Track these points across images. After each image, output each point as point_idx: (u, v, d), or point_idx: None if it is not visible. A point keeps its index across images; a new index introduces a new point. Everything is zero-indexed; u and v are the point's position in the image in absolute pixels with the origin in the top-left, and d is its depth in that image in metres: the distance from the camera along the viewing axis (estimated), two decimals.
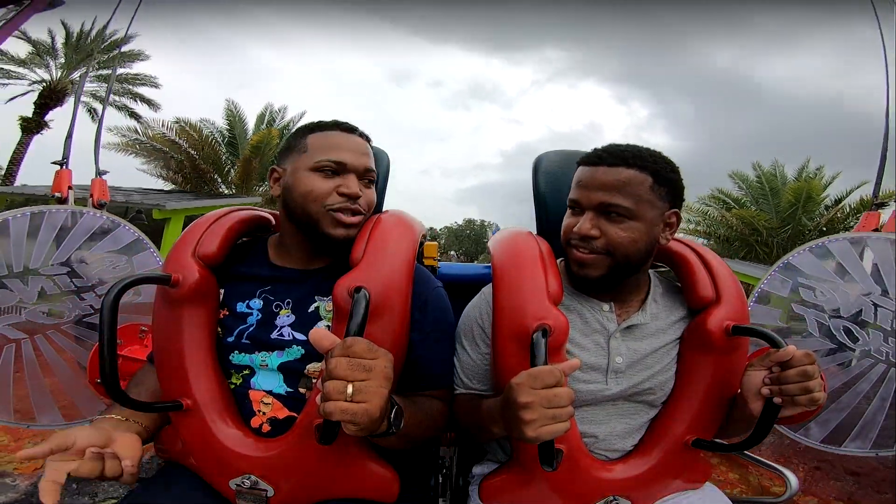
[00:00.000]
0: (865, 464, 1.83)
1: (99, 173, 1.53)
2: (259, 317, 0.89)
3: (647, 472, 0.87)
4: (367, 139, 0.97)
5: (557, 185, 1.14)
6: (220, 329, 0.90)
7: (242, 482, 0.81)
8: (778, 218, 12.83)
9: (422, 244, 1.11)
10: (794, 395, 0.72)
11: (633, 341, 0.90)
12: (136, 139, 12.90)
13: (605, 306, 0.92)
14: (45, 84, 13.87)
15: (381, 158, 1.18)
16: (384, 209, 1.12)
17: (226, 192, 13.58)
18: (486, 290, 0.97)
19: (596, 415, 0.90)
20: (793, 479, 0.99)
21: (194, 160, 13.14)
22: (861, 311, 1.11)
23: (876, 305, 1.10)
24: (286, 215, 0.92)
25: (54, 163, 1.44)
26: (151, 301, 0.92)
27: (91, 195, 1.36)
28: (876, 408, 1.11)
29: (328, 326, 0.87)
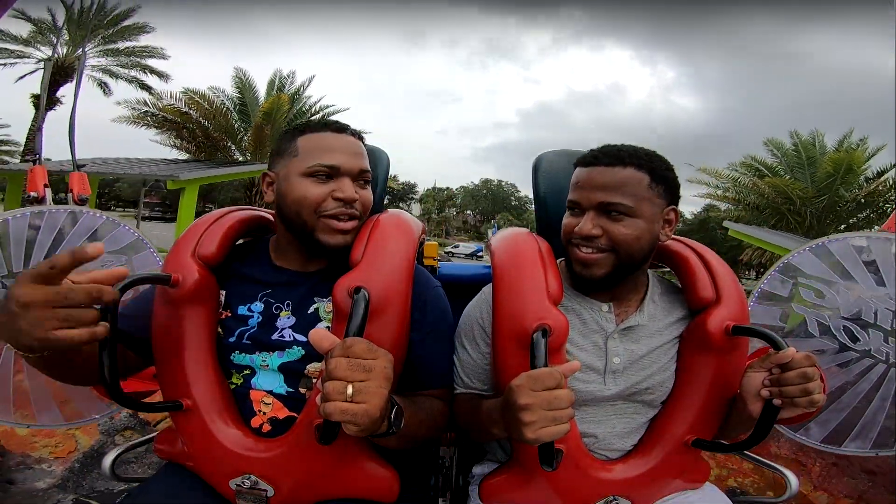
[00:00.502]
0: (883, 463, 1.82)
1: (76, 166, 1.41)
2: (260, 319, 0.89)
3: (647, 472, 0.87)
4: (360, 137, 0.94)
5: (557, 185, 1.15)
6: (220, 329, 0.90)
7: (242, 482, 0.81)
8: (814, 188, 12.51)
9: (422, 244, 1.11)
10: (793, 397, 0.72)
11: (631, 342, 0.91)
12: (147, 111, 12.95)
13: (604, 307, 0.92)
14: (51, 61, 14.04)
15: (381, 158, 1.17)
16: (384, 209, 1.12)
17: (240, 158, 13.65)
18: (487, 289, 0.97)
19: (595, 415, 0.90)
20: (793, 480, 0.99)
21: (206, 129, 13.19)
22: (861, 311, 1.11)
23: (876, 305, 1.11)
24: (281, 220, 0.91)
25: (27, 159, 1.36)
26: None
27: (70, 190, 1.30)
28: (876, 408, 1.11)
29: (328, 327, 0.87)
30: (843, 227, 13.16)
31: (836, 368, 1.12)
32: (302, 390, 0.86)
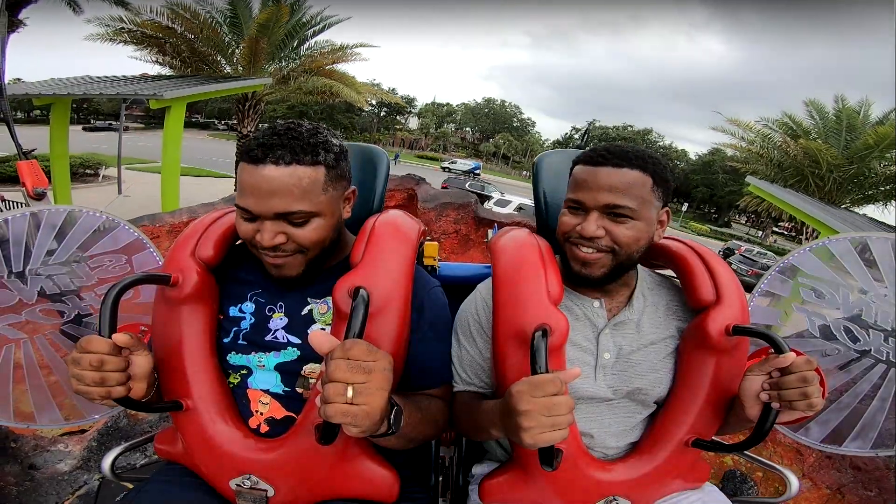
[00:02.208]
0: (870, 461, 1.86)
1: (23, 153, 1.25)
2: (252, 320, 0.89)
3: (647, 472, 0.87)
4: (300, 159, 0.77)
5: (558, 185, 1.15)
6: (217, 330, 0.90)
7: (242, 482, 0.82)
8: (844, 156, 12.24)
9: (421, 244, 1.11)
10: (792, 401, 0.73)
11: (622, 337, 0.91)
12: (123, 27, 11.52)
13: (596, 302, 0.93)
14: None
15: (380, 158, 1.18)
16: (384, 210, 1.12)
17: (231, 72, 12.41)
18: (482, 286, 0.98)
19: (589, 413, 0.90)
20: (793, 480, 0.99)
21: (192, 44, 11.87)
22: (861, 311, 1.11)
23: (876, 305, 1.10)
24: None
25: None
26: (151, 301, 0.92)
27: (23, 184, 1.19)
28: (876, 408, 1.11)
29: (323, 329, 0.87)
30: (860, 196, 13.02)
31: (835, 368, 1.12)
32: (299, 390, 0.86)
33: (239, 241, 0.99)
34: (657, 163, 0.86)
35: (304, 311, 0.89)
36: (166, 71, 12.40)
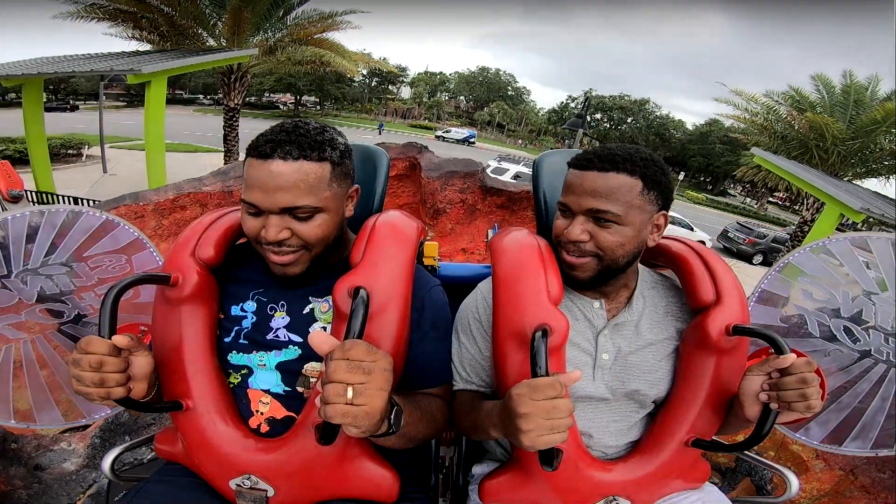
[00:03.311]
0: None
1: None
2: (254, 319, 0.89)
3: (647, 472, 0.87)
4: (307, 154, 0.78)
5: (558, 185, 1.14)
6: (217, 330, 0.90)
7: (242, 482, 0.82)
8: (850, 130, 12.26)
9: (422, 244, 1.11)
10: (790, 402, 0.73)
11: (621, 338, 0.91)
12: (94, 3, 10.80)
13: (595, 303, 0.93)
14: None
15: (380, 158, 1.17)
16: (384, 209, 1.12)
17: (214, 45, 11.70)
18: (482, 285, 0.98)
19: (588, 413, 0.90)
20: (793, 480, 0.99)
21: (171, 17, 11.11)
22: (861, 311, 1.11)
23: (876, 305, 1.11)
24: None
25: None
26: (151, 301, 0.92)
27: None
28: (876, 408, 1.11)
29: (324, 328, 0.87)
30: (863, 170, 13.10)
31: (836, 368, 1.12)
32: (299, 389, 0.86)
33: (240, 241, 0.99)
34: (649, 166, 0.84)
35: (306, 310, 0.89)
36: (144, 47, 11.71)
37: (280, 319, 0.89)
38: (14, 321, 1.06)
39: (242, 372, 0.88)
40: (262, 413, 0.86)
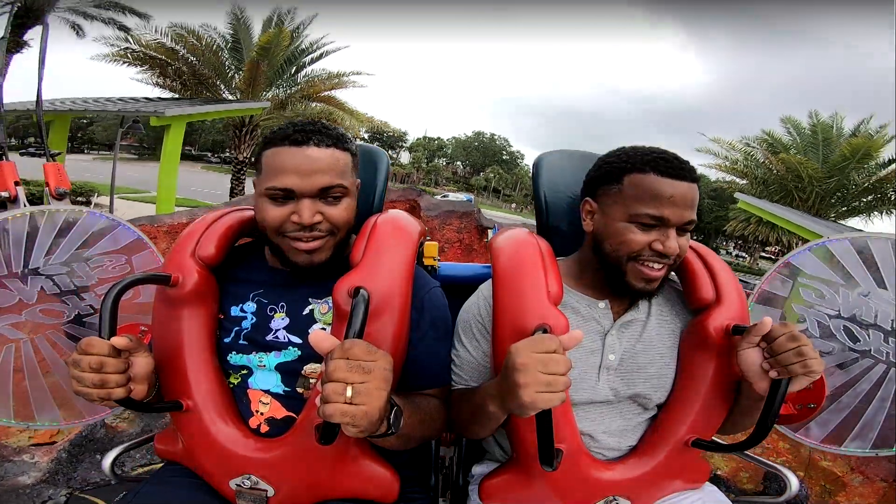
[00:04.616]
0: None
1: (50, 156, 1.31)
2: (253, 320, 0.89)
3: (646, 472, 0.87)
4: (336, 143, 0.84)
5: (558, 185, 1.14)
6: (217, 330, 0.90)
7: (242, 482, 0.82)
8: (825, 169, 12.68)
9: (422, 244, 1.11)
10: (789, 365, 0.73)
11: (627, 339, 0.91)
12: (128, 48, 11.84)
13: (601, 303, 0.92)
14: (19, 3, 13.08)
15: (381, 158, 1.18)
16: (384, 209, 1.12)
17: (229, 97, 12.72)
18: (484, 287, 0.97)
19: (590, 414, 0.90)
20: (793, 480, 0.99)
21: (194, 67, 12.22)
22: (861, 311, 1.11)
23: (876, 305, 1.10)
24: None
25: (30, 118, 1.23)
26: (151, 301, 0.92)
27: (47, 184, 1.23)
28: (876, 408, 1.11)
29: (324, 328, 0.87)
30: (844, 209, 13.26)
31: (835, 368, 1.12)
32: (299, 390, 0.86)
33: (240, 242, 0.99)
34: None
35: (306, 311, 0.89)
36: (166, 94, 12.72)
37: (280, 320, 0.89)
38: (14, 321, 1.06)
39: (242, 372, 0.88)
40: (261, 413, 0.86)
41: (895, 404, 1.10)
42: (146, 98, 11.76)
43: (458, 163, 61.86)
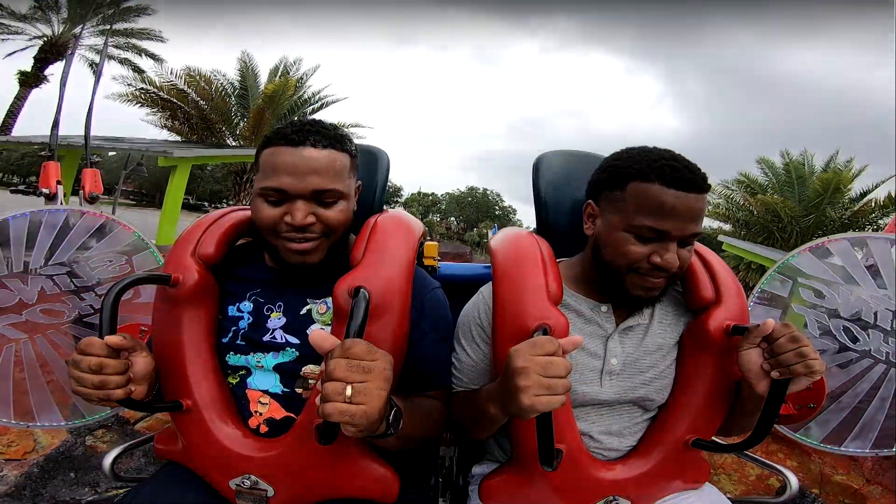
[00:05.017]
0: None
1: (90, 163, 1.42)
2: (250, 319, 0.89)
3: (646, 472, 0.87)
4: (334, 144, 0.83)
5: (558, 186, 1.14)
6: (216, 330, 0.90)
7: (242, 482, 0.81)
8: (801, 207, 12.90)
9: (422, 244, 1.11)
10: (790, 365, 0.72)
11: (630, 343, 0.90)
12: (143, 88, 12.46)
13: (603, 307, 0.92)
14: (45, 39, 13.51)
15: (381, 158, 1.18)
16: (384, 209, 1.12)
17: (233, 143, 13.20)
18: (484, 289, 0.97)
19: (590, 416, 0.90)
20: (793, 480, 0.99)
21: (203, 111, 12.71)
22: (861, 311, 1.11)
23: (876, 306, 1.11)
24: None
25: (41, 154, 1.35)
26: (151, 301, 0.92)
27: (82, 187, 1.30)
28: (876, 408, 1.11)
29: (322, 328, 0.87)
30: None
31: (836, 368, 1.12)
32: (298, 390, 0.86)
33: (240, 242, 0.99)
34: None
35: (303, 311, 0.89)
36: (174, 137, 13.30)
37: (276, 320, 0.89)
38: (14, 321, 1.06)
39: (241, 373, 0.88)
40: (261, 414, 0.86)
41: (895, 404, 1.10)
42: (154, 140, 12.27)
43: (452, 218, 63.15)
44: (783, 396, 0.75)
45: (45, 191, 1.22)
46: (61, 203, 1.18)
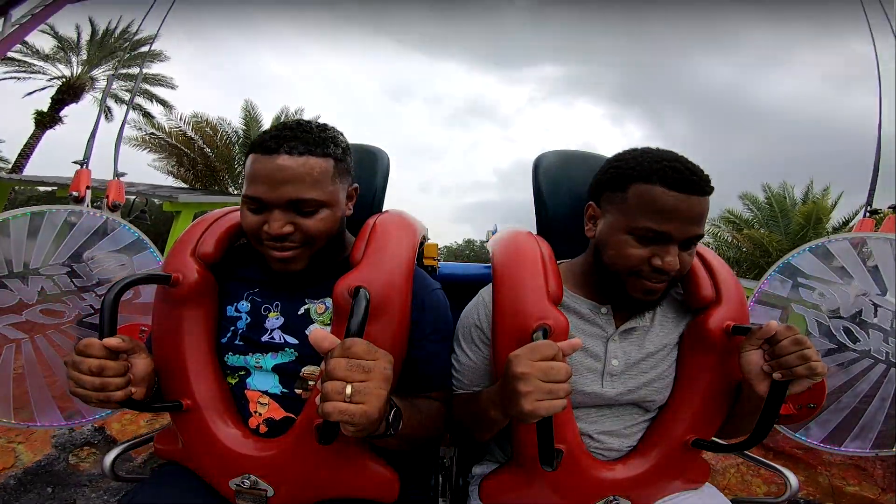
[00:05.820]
0: None
1: (116, 175, 1.53)
2: (248, 319, 0.89)
3: (647, 472, 0.87)
4: (311, 150, 0.80)
5: (557, 185, 1.14)
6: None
7: (242, 482, 0.81)
8: (788, 239, 13.02)
9: (422, 244, 1.11)
10: (793, 367, 0.72)
11: (630, 344, 0.90)
12: (153, 134, 12.58)
13: (603, 308, 0.91)
14: (64, 80, 13.65)
15: (381, 158, 1.18)
16: (384, 209, 1.12)
17: (234, 192, 13.28)
18: (484, 291, 0.97)
19: (591, 416, 0.90)
20: (793, 480, 0.99)
21: (208, 157, 12.89)
22: (861, 311, 1.11)
23: (876, 305, 1.10)
24: None
25: (75, 162, 1.46)
26: (151, 301, 0.92)
27: (107, 196, 1.37)
28: (876, 408, 1.11)
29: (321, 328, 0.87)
30: None
31: (836, 368, 1.12)
32: (297, 391, 0.86)
33: (239, 242, 0.99)
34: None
35: (301, 311, 0.89)
36: (178, 184, 13.42)
37: (274, 320, 0.89)
38: (14, 321, 1.06)
39: (240, 373, 0.88)
40: (260, 414, 0.86)
41: (895, 404, 1.10)
42: (159, 186, 12.31)
43: None
44: (783, 397, 0.74)
45: (74, 194, 1.31)
46: (88, 205, 1.28)
